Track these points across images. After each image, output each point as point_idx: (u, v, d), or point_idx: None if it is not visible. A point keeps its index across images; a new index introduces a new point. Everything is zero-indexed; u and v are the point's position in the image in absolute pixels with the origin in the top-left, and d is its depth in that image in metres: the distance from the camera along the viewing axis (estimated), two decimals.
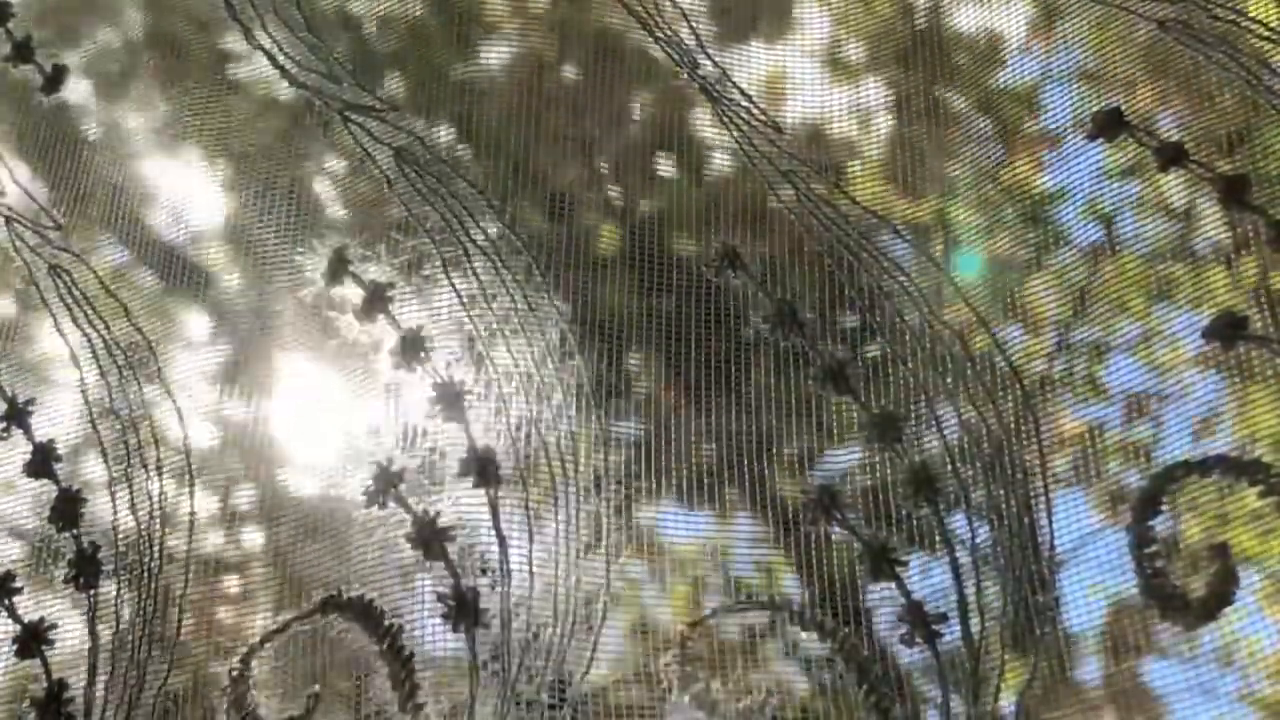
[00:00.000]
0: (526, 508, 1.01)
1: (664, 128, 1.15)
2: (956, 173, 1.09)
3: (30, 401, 1.19)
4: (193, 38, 1.30)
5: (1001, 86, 1.11)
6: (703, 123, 1.14)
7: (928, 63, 1.13)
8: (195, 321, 1.20)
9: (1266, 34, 0.99)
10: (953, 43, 1.13)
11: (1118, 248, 1.00)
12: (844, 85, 1.15)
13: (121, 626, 1.08)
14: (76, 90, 1.34)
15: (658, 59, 1.15)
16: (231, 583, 1.10)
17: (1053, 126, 1.06)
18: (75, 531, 1.13)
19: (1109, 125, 1.02)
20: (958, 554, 0.95)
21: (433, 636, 1.00)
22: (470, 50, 1.20)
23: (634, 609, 1.00)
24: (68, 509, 1.13)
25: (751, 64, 1.15)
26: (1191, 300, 0.95)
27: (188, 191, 1.26)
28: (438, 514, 1.01)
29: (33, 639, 1.11)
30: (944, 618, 0.95)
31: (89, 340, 1.20)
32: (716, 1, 1.18)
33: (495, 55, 1.19)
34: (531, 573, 0.99)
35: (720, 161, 1.13)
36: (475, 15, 1.21)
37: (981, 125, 1.10)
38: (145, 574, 1.09)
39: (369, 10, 1.25)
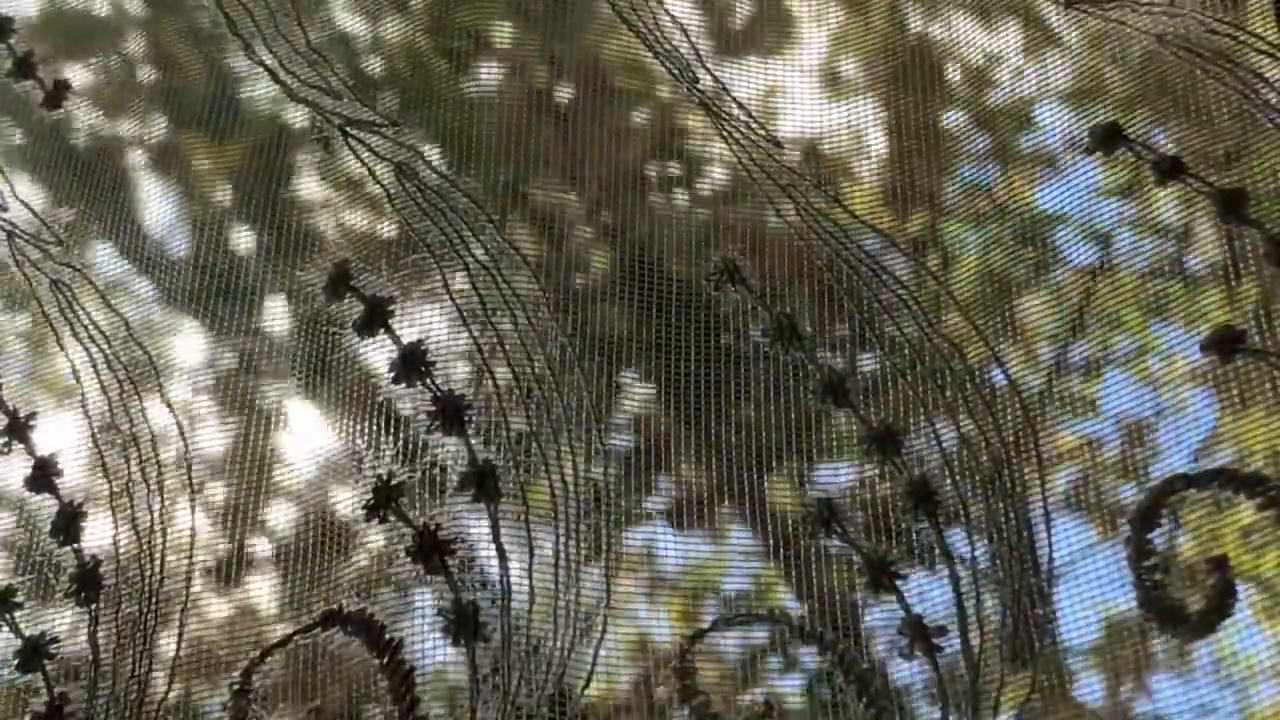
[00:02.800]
0: (526, 521, 1.01)
1: (660, 144, 1.15)
2: (952, 188, 1.09)
3: (31, 416, 1.20)
4: (193, 53, 1.31)
5: (997, 102, 1.11)
6: (700, 139, 1.14)
7: (924, 79, 1.13)
8: (195, 337, 1.20)
9: (1264, 49, 0.99)
10: (949, 59, 1.14)
11: (1113, 264, 1.00)
12: (841, 101, 1.15)
13: (122, 641, 1.08)
14: (78, 105, 1.34)
15: (653, 75, 1.16)
16: (232, 597, 1.10)
17: (1049, 142, 1.07)
18: (76, 546, 1.13)
19: (1107, 139, 1.02)
20: (957, 568, 0.95)
21: (433, 650, 1.00)
22: (466, 68, 1.20)
23: (633, 623, 1.00)
24: (69, 524, 1.14)
25: (748, 80, 1.15)
26: (1187, 315, 0.95)
27: (187, 206, 1.26)
28: (438, 528, 1.01)
29: (34, 653, 1.11)
30: (944, 631, 0.95)
31: (90, 355, 1.20)
32: (712, 17, 1.18)
33: (491, 73, 1.19)
34: (532, 586, 0.99)
35: (717, 177, 1.13)
36: (472, 32, 1.21)
37: (978, 141, 1.11)
38: (146, 588, 1.09)
39: (369, 29, 1.25)
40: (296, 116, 1.22)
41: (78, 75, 1.36)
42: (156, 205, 1.27)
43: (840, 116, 1.14)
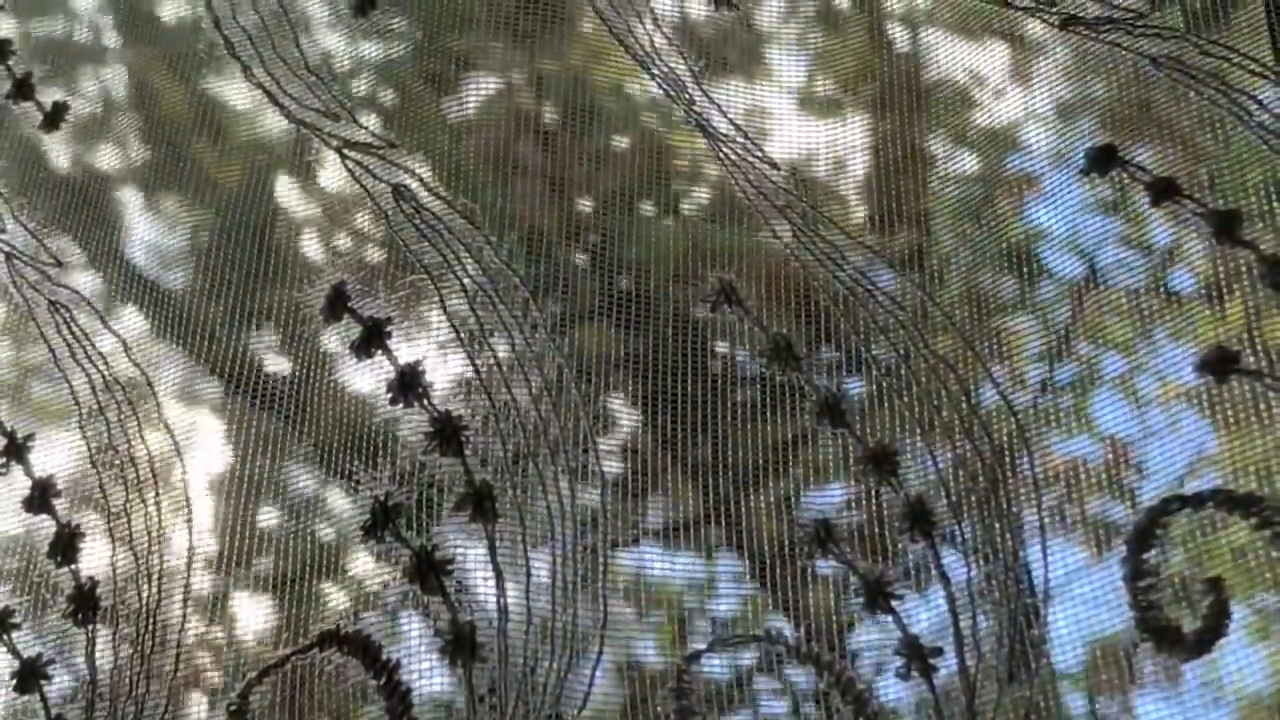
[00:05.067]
0: (523, 542, 1.01)
1: (656, 165, 1.16)
2: (945, 209, 1.10)
3: (29, 437, 1.20)
4: (191, 76, 1.31)
5: (991, 123, 1.11)
6: (695, 160, 1.14)
7: (917, 100, 1.13)
8: (192, 356, 1.20)
9: (1258, 70, 1.00)
10: (942, 80, 1.14)
11: (1106, 284, 1.00)
12: (832, 122, 1.16)
13: (119, 662, 1.08)
14: (76, 127, 1.34)
15: (648, 96, 1.16)
16: (229, 618, 1.10)
17: (1043, 162, 1.07)
18: (74, 567, 1.13)
19: (1102, 161, 1.02)
20: (952, 589, 0.96)
21: (429, 671, 1.00)
22: (460, 90, 1.20)
23: (629, 644, 1.00)
24: (67, 545, 1.14)
25: (740, 101, 1.16)
26: (1181, 336, 0.95)
27: (183, 227, 1.26)
28: (435, 548, 1.01)
29: (31, 674, 1.11)
30: (939, 651, 0.95)
31: (88, 376, 1.20)
32: (706, 39, 1.18)
33: (484, 94, 1.20)
34: (528, 607, 0.99)
35: (713, 198, 1.13)
36: (465, 55, 1.22)
37: (971, 162, 1.11)
38: (143, 610, 1.09)
39: (365, 50, 1.25)
40: (293, 138, 1.22)
41: (76, 97, 1.36)
42: (152, 227, 1.28)
43: (832, 137, 1.15)
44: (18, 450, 1.19)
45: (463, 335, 1.08)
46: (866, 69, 1.17)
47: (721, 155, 1.12)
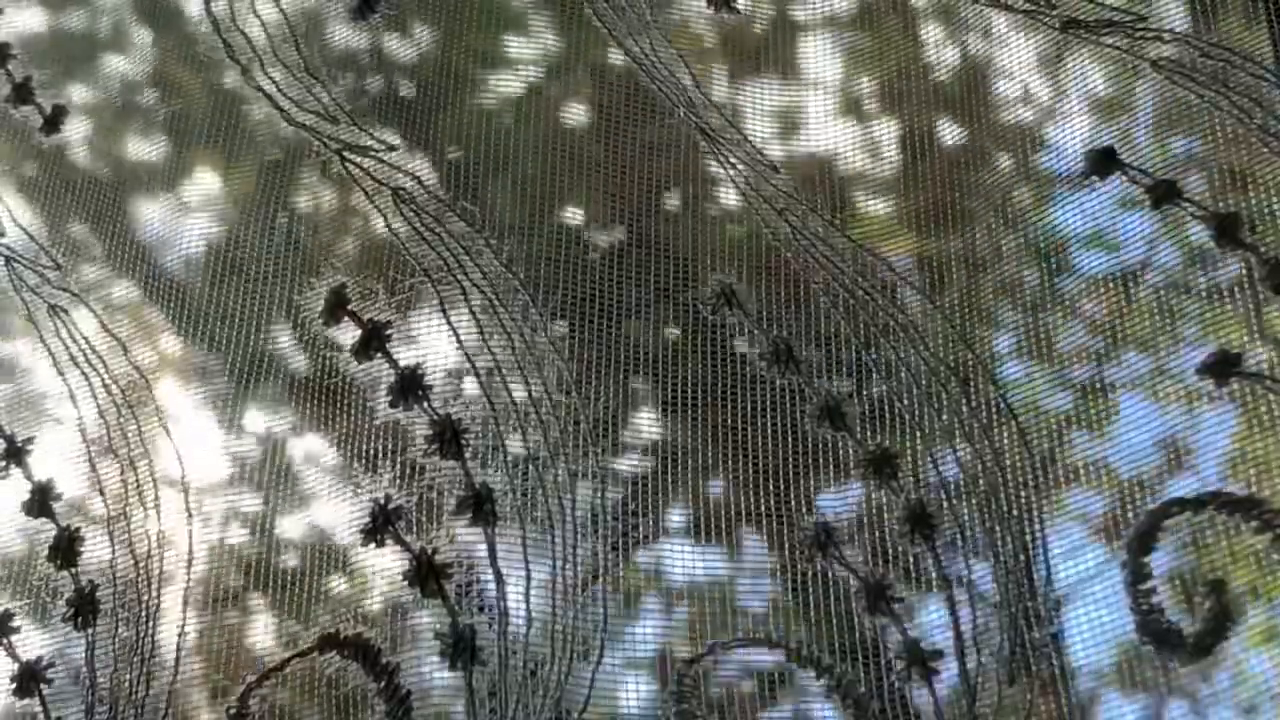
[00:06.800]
0: (524, 545, 1.01)
1: (667, 162, 1.16)
2: (949, 210, 1.10)
3: (29, 440, 1.20)
4: (192, 77, 1.31)
5: (993, 125, 1.11)
6: (697, 162, 1.14)
7: (922, 102, 1.13)
8: (193, 360, 1.20)
9: (1258, 73, 1.00)
10: (946, 82, 1.14)
11: (1110, 287, 1.00)
12: (836, 123, 1.16)
13: (119, 665, 1.08)
14: (77, 130, 1.34)
15: (652, 98, 1.16)
16: (229, 621, 1.10)
17: (1044, 165, 1.07)
18: (74, 570, 1.13)
19: (1102, 164, 1.03)
20: (954, 591, 0.96)
21: (430, 674, 1.00)
22: (469, 87, 1.20)
23: (631, 646, 1.00)
24: (66, 548, 1.14)
25: (754, 100, 1.16)
26: (1184, 338, 0.95)
27: (186, 231, 1.26)
28: (435, 551, 1.01)
29: (31, 678, 1.11)
30: (941, 654, 0.95)
31: (87, 379, 1.20)
32: (710, 40, 1.19)
33: (496, 91, 1.20)
34: (529, 610, 0.99)
35: (715, 200, 1.14)
36: (476, 51, 1.22)
37: (974, 163, 1.11)
38: (143, 612, 1.09)
39: (368, 48, 1.26)
40: (297, 140, 1.22)
41: (77, 99, 1.36)
42: (154, 229, 1.28)
43: (836, 139, 1.15)
44: (17, 453, 1.19)
45: (463, 338, 1.08)
46: (874, 72, 1.17)
47: (721, 157, 1.12)
